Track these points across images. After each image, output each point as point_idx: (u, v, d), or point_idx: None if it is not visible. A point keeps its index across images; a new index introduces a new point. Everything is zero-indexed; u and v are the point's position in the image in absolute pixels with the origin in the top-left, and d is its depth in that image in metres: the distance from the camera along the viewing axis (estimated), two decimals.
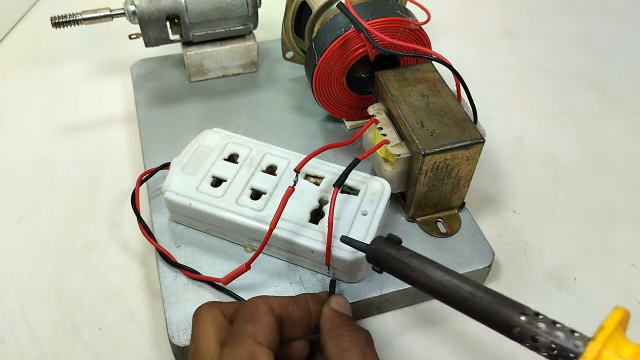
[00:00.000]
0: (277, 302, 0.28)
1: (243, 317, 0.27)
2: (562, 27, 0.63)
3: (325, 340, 0.28)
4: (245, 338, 0.26)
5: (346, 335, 0.28)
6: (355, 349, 0.27)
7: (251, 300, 0.28)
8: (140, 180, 0.38)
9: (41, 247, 0.39)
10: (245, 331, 0.26)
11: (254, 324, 0.27)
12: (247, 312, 0.27)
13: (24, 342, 0.34)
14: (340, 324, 0.29)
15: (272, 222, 0.32)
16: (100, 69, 0.55)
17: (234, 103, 0.48)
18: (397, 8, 0.40)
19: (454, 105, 0.37)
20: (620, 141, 0.49)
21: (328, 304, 0.30)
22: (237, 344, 0.26)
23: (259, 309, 0.27)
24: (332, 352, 0.27)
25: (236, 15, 0.47)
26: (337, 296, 0.31)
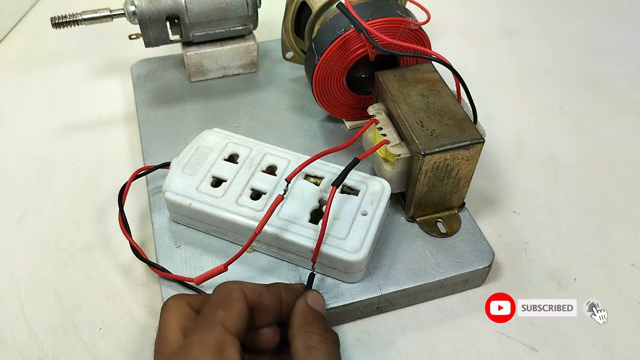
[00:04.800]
0: (250, 289, 0.28)
1: (215, 302, 0.27)
2: (562, 27, 0.63)
3: (294, 334, 0.28)
4: (215, 324, 0.25)
5: (315, 334, 0.28)
6: (322, 348, 0.27)
7: (224, 285, 0.28)
8: (135, 175, 0.38)
9: (41, 247, 0.39)
10: (215, 316, 0.26)
11: (225, 309, 0.26)
12: (219, 296, 0.27)
13: (24, 342, 0.34)
14: (312, 320, 0.29)
15: (258, 227, 0.32)
16: (100, 69, 0.55)
17: (234, 103, 0.48)
18: (397, 8, 0.40)
19: (454, 105, 0.37)
20: (620, 141, 0.49)
21: (303, 298, 0.30)
22: (206, 329, 0.25)
23: (232, 295, 0.27)
24: (299, 347, 0.27)
25: (236, 15, 0.47)
26: (313, 292, 0.31)
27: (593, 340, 0.35)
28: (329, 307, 0.33)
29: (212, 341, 0.25)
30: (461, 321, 0.35)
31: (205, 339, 0.25)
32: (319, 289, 0.34)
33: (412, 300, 0.36)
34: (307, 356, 0.27)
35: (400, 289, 0.34)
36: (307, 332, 0.28)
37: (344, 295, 0.34)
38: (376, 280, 0.35)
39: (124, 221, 0.36)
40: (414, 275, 0.35)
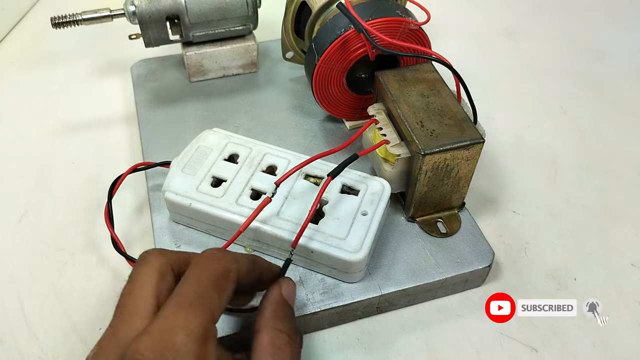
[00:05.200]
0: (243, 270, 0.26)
1: (211, 278, 0.24)
2: (562, 27, 0.63)
3: (261, 326, 0.26)
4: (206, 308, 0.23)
5: (284, 334, 0.26)
6: (288, 350, 0.26)
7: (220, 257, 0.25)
8: (132, 169, 0.38)
9: (41, 247, 0.39)
10: (210, 299, 0.23)
11: (220, 293, 0.24)
12: (215, 272, 0.25)
13: (24, 342, 0.34)
14: (282, 316, 0.27)
15: (243, 226, 0.32)
16: (100, 69, 0.55)
17: (234, 103, 0.48)
18: (397, 8, 0.40)
19: (454, 105, 0.37)
20: (620, 141, 0.49)
21: (278, 287, 0.29)
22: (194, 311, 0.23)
23: (229, 277, 0.25)
24: (265, 344, 0.26)
25: (236, 15, 0.47)
26: (288, 281, 0.30)
27: (593, 340, 0.35)
28: (329, 307, 0.33)
29: (200, 331, 0.22)
30: (461, 321, 0.35)
31: (194, 326, 0.22)
32: (319, 289, 0.34)
33: (412, 300, 0.36)
34: (270, 356, 0.25)
35: (400, 289, 0.34)
36: (275, 330, 0.26)
37: (344, 295, 0.34)
38: (376, 280, 0.35)
39: (109, 213, 0.36)
40: (414, 275, 0.35)
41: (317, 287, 0.34)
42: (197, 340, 0.22)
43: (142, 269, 0.25)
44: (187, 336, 0.22)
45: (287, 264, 0.31)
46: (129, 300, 0.24)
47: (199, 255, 0.26)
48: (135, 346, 0.21)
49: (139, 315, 0.24)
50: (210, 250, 0.26)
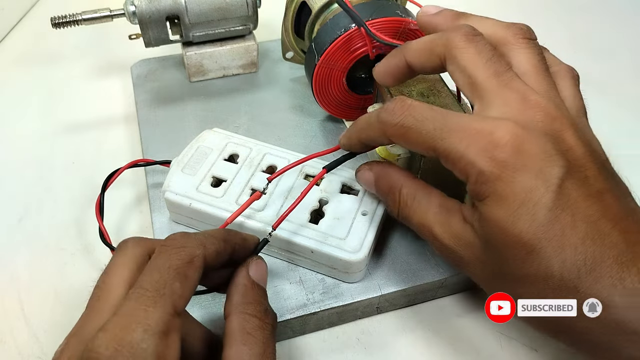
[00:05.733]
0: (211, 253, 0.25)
1: (175, 266, 0.23)
2: (562, 27, 0.63)
3: (230, 311, 0.26)
4: (167, 301, 0.22)
5: (254, 317, 0.25)
6: (259, 335, 0.25)
7: (185, 241, 0.25)
8: (132, 164, 0.38)
9: (41, 247, 0.39)
10: (171, 290, 0.23)
11: (182, 282, 0.23)
12: (180, 259, 0.24)
13: (24, 342, 0.34)
14: (251, 300, 0.26)
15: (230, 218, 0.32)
16: (100, 69, 0.55)
17: (234, 103, 0.48)
18: (397, 8, 0.40)
19: (454, 105, 0.37)
20: (620, 141, 0.49)
21: (245, 270, 0.27)
22: (154, 305, 0.22)
23: (194, 263, 0.24)
24: (234, 329, 0.25)
25: (236, 15, 0.47)
26: (257, 261, 0.28)
27: None
28: (329, 307, 0.33)
29: (160, 325, 0.21)
30: (461, 321, 0.35)
31: (152, 321, 0.21)
32: (319, 289, 0.34)
33: (412, 300, 0.36)
34: (242, 342, 0.24)
35: (400, 289, 0.34)
36: (245, 314, 0.25)
37: (344, 295, 0.34)
38: (376, 280, 0.35)
39: (100, 204, 0.36)
40: (414, 275, 0.35)
41: (317, 287, 0.34)
42: (156, 336, 0.21)
43: (118, 259, 0.25)
44: (144, 332, 0.21)
45: (262, 244, 0.30)
46: (101, 292, 0.24)
47: (163, 242, 0.25)
48: (91, 345, 0.21)
49: (107, 308, 0.23)
50: (174, 236, 0.25)
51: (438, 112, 0.27)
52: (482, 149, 0.25)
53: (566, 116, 0.27)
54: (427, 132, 0.27)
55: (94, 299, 0.24)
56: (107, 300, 0.24)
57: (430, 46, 0.30)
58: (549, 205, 0.24)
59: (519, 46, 0.30)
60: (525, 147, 0.25)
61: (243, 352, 0.24)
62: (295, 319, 0.33)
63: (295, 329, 0.34)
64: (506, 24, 0.31)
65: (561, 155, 0.25)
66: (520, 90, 0.27)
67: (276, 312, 0.33)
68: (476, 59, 0.28)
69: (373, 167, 0.33)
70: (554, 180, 0.24)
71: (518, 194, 0.24)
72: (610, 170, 0.28)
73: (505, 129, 0.25)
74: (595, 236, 0.24)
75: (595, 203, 0.25)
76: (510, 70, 0.28)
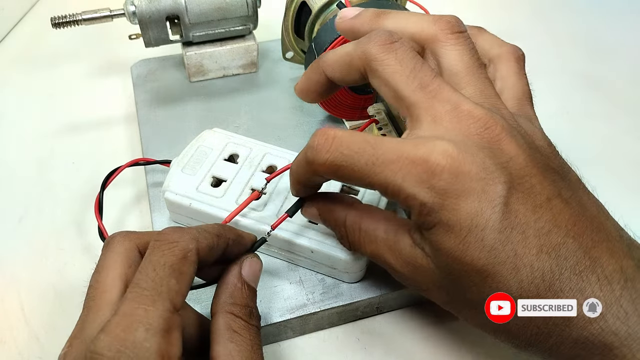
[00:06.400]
0: (204, 247, 0.25)
1: (170, 263, 0.23)
2: (563, 27, 0.63)
3: (217, 310, 0.25)
4: (165, 298, 0.22)
5: (240, 318, 0.25)
6: (246, 334, 0.25)
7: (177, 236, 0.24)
8: (132, 163, 0.38)
9: (41, 247, 0.39)
10: (168, 287, 0.22)
11: (178, 278, 0.23)
12: (174, 256, 0.23)
13: (24, 342, 0.34)
14: (239, 301, 0.26)
15: (228, 217, 0.32)
16: (100, 69, 0.55)
17: (234, 103, 0.48)
18: (397, 8, 0.40)
19: None
20: (620, 141, 0.49)
21: (237, 269, 0.27)
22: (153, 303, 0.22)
23: (187, 258, 0.24)
24: (221, 328, 0.25)
25: (236, 15, 0.47)
26: (251, 260, 0.28)
27: None
28: (329, 307, 0.33)
29: (161, 323, 0.21)
30: (461, 321, 0.35)
31: (153, 320, 0.21)
32: (319, 289, 0.34)
33: (412, 300, 0.36)
34: (229, 340, 0.24)
35: (401, 289, 0.34)
36: (231, 314, 0.25)
37: (344, 295, 0.34)
38: (376, 280, 0.35)
39: (99, 203, 0.36)
40: None
41: (317, 287, 0.34)
42: (158, 334, 0.21)
43: (108, 256, 0.25)
44: (146, 331, 0.21)
45: (259, 243, 0.30)
46: (96, 292, 0.24)
47: (156, 238, 0.25)
48: (93, 347, 0.21)
49: (105, 308, 0.23)
50: (167, 230, 0.25)
51: (367, 143, 0.25)
52: (419, 180, 0.24)
53: (502, 121, 0.25)
54: (360, 167, 0.25)
55: (89, 299, 0.24)
56: (103, 300, 0.23)
57: (348, 59, 0.28)
58: (497, 227, 0.23)
59: (449, 43, 0.28)
60: (463, 169, 0.23)
61: (232, 348, 0.24)
62: (295, 319, 0.33)
63: (295, 329, 0.34)
64: (432, 19, 0.29)
65: (502, 170, 0.24)
66: (450, 101, 0.25)
67: (276, 312, 0.33)
68: (398, 71, 0.26)
69: (316, 202, 0.31)
70: (499, 199, 0.23)
71: (464, 220, 0.23)
72: (555, 167, 0.26)
73: (440, 153, 0.24)
74: (549, 249, 0.23)
75: (544, 213, 0.24)
76: (437, 78, 0.26)
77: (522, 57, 0.31)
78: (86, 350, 0.21)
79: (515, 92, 0.29)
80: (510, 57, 0.31)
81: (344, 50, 0.28)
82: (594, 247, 0.24)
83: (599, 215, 0.26)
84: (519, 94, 0.30)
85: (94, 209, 0.36)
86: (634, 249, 0.25)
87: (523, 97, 0.30)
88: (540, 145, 0.27)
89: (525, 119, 0.29)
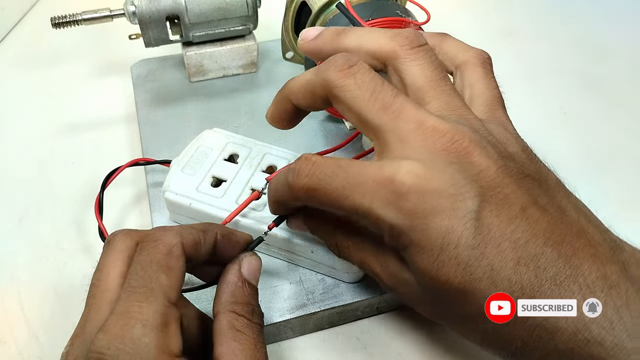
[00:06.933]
0: (189, 242, 0.25)
1: (155, 260, 0.24)
2: (562, 27, 0.63)
3: (219, 310, 0.25)
4: (157, 294, 0.22)
5: (242, 317, 0.25)
6: (249, 332, 0.25)
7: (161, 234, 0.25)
8: (132, 163, 0.38)
9: (41, 247, 0.39)
10: (158, 283, 0.23)
11: (167, 273, 0.23)
12: (158, 252, 0.24)
13: (24, 342, 0.34)
14: (241, 299, 0.26)
15: (228, 217, 0.33)
16: (100, 69, 0.55)
17: (234, 103, 0.48)
18: (397, 8, 0.40)
19: None
20: (620, 141, 0.49)
21: (237, 266, 0.27)
22: (147, 299, 0.22)
23: (173, 253, 0.24)
24: (223, 328, 0.25)
25: (236, 15, 0.47)
26: (250, 258, 0.28)
27: None
28: (329, 307, 0.33)
29: (157, 318, 0.22)
30: None
31: (148, 315, 0.22)
32: (319, 289, 0.34)
33: None
34: (232, 339, 0.24)
35: None
36: (233, 313, 0.25)
37: (344, 295, 0.34)
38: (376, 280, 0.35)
39: (100, 203, 0.36)
40: None
41: (317, 287, 0.34)
42: (155, 329, 0.21)
43: (109, 254, 0.25)
44: (144, 327, 0.21)
45: (257, 242, 0.30)
46: (97, 290, 0.24)
47: (142, 239, 0.25)
48: (93, 346, 0.21)
49: (106, 306, 0.23)
50: (152, 231, 0.26)
51: (341, 166, 0.25)
52: (387, 201, 0.23)
53: (470, 132, 0.25)
54: (332, 191, 0.25)
55: (90, 297, 0.24)
56: (104, 298, 0.24)
57: (310, 88, 0.28)
58: (470, 243, 0.23)
59: (409, 58, 0.28)
60: (430, 187, 0.23)
61: (235, 347, 0.24)
62: (295, 319, 0.33)
63: (295, 329, 0.34)
64: (390, 35, 0.28)
65: (473, 183, 0.23)
66: (414, 119, 0.25)
67: (276, 312, 0.33)
68: (359, 96, 0.26)
69: (302, 216, 0.30)
70: (470, 214, 0.23)
71: (435, 239, 0.23)
72: (531, 174, 0.25)
73: (405, 173, 0.23)
74: (527, 261, 0.23)
75: (520, 224, 0.23)
76: (398, 97, 0.25)
77: (488, 60, 0.31)
78: (87, 349, 0.22)
79: (485, 98, 0.29)
80: (476, 63, 0.30)
81: (305, 78, 0.28)
82: (575, 255, 0.23)
83: (579, 219, 0.25)
84: (489, 99, 0.29)
85: (94, 209, 0.36)
86: (618, 251, 0.24)
87: (494, 102, 0.29)
88: (514, 151, 0.26)
89: (497, 124, 0.28)
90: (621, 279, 0.23)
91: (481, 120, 0.27)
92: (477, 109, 0.28)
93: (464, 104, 0.27)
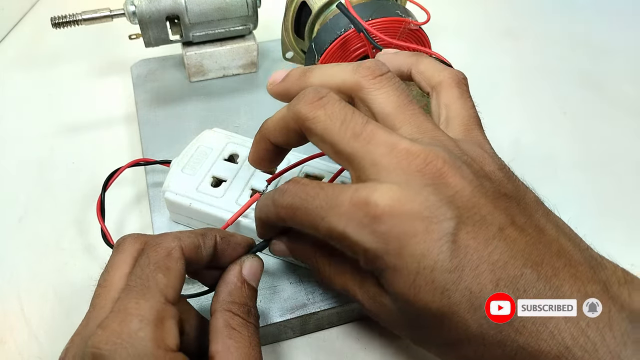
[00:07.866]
0: (188, 245, 0.26)
1: (153, 260, 0.24)
2: (562, 27, 0.63)
3: (215, 308, 0.26)
4: (154, 292, 0.23)
5: (238, 317, 0.26)
6: (244, 331, 0.25)
7: (161, 239, 0.26)
8: (132, 163, 0.38)
9: (41, 247, 0.39)
10: (155, 281, 0.24)
11: (165, 272, 0.24)
12: (157, 254, 0.25)
13: (24, 342, 0.34)
14: (238, 299, 0.26)
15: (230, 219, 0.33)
16: (100, 69, 0.55)
17: (234, 103, 0.48)
18: (397, 8, 0.40)
19: None
20: (620, 141, 0.49)
21: (238, 267, 0.28)
22: (144, 296, 0.23)
23: (172, 255, 0.25)
24: (219, 326, 0.25)
25: (236, 15, 0.47)
26: (252, 260, 0.28)
27: None
28: (329, 307, 0.33)
29: (153, 313, 0.22)
30: None
31: (145, 311, 0.22)
32: (319, 289, 0.34)
33: None
34: (228, 337, 0.25)
35: None
36: (229, 312, 0.26)
37: (344, 295, 0.34)
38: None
39: (101, 204, 0.36)
40: None
41: (317, 287, 0.34)
42: (151, 323, 0.22)
43: (117, 256, 0.26)
44: (140, 322, 0.22)
45: (260, 247, 0.30)
46: (103, 290, 0.25)
47: (146, 243, 0.26)
48: (91, 342, 0.22)
49: (108, 306, 0.24)
50: (151, 236, 0.26)
51: (324, 189, 0.25)
52: (361, 224, 0.23)
53: (444, 153, 0.24)
54: (310, 211, 0.25)
55: (96, 296, 0.25)
56: (108, 298, 0.24)
57: (284, 124, 0.28)
58: (446, 267, 0.22)
59: (373, 88, 0.27)
60: (405, 209, 0.23)
61: (230, 345, 0.24)
62: (295, 319, 0.33)
63: (295, 329, 0.34)
64: (352, 68, 0.28)
65: (449, 204, 0.23)
66: (386, 143, 0.24)
67: (276, 312, 0.33)
68: (330, 126, 0.25)
69: (284, 239, 0.30)
70: (446, 237, 0.22)
71: (411, 263, 0.22)
72: (508, 193, 0.25)
73: (379, 195, 0.23)
74: (507, 283, 0.22)
75: (498, 245, 0.23)
76: (369, 124, 0.25)
77: (464, 81, 0.31)
78: (85, 345, 0.22)
79: (461, 118, 0.29)
80: (451, 83, 0.30)
81: (279, 115, 0.29)
82: (555, 275, 0.23)
83: (559, 238, 0.24)
84: (464, 119, 0.29)
85: (95, 210, 0.36)
86: (599, 269, 0.24)
87: (470, 122, 0.29)
88: (490, 170, 0.26)
89: (472, 144, 0.27)
90: (603, 299, 0.23)
91: (455, 141, 0.27)
92: (453, 130, 0.28)
93: (435, 126, 0.27)
